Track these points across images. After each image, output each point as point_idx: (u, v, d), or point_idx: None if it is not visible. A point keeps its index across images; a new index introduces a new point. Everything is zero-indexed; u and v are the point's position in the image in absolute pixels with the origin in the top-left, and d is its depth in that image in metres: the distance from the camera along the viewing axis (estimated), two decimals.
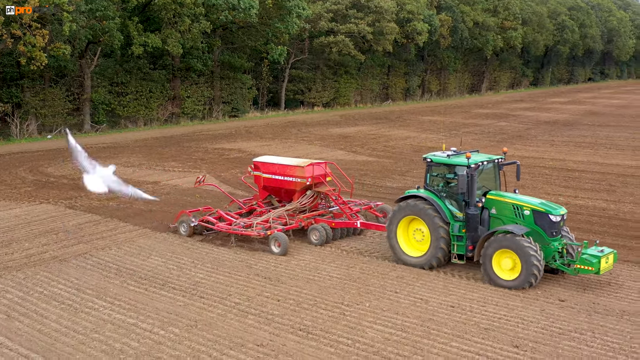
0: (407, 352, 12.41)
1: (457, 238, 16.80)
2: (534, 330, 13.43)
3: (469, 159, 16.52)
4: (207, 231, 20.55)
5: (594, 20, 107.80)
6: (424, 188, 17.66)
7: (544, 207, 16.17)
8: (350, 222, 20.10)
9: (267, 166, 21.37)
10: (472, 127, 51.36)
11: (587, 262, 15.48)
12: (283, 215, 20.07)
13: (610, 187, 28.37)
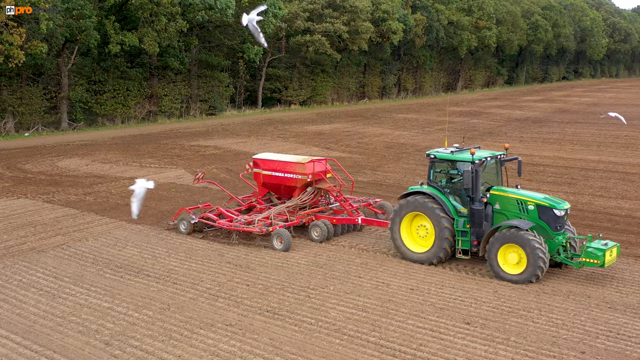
0: (366, 330, 13.30)
1: (462, 233, 16.94)
2: (486, 309, 14.39)
3: (474, 155, 16.65)
4: (207, 228, 20.58)
5: (567, 20, 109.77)
6: (427, 184, 17.75)
7: (548, 202, 16.38)
8: (352, 219, 20.15)
9: (267, 163, 21.33)
10: (444, 124, 52.43)
11: (593, 255, 15.72)
12: (284, 212, 20.11)
13: (571, 180, 29.55)
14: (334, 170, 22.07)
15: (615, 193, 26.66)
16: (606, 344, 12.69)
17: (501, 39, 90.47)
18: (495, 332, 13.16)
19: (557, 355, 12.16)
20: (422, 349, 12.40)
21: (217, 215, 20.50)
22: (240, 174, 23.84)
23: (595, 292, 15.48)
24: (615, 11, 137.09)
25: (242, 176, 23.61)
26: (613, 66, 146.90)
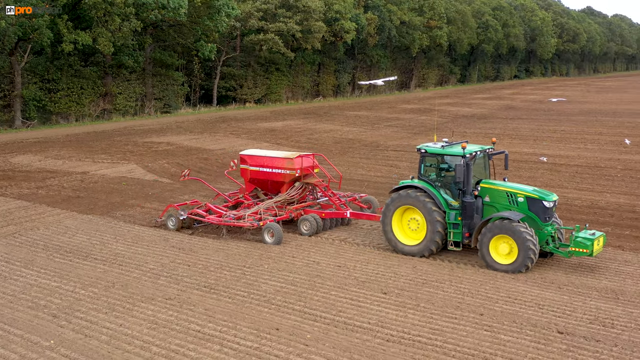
0: (293, 300, 14.73)
1: (453, 226, 17.32)
2: (403, 281, 15.97)
3: (465, 149, 17.10)
4: (196, 224, 20.82)
5: (517, 20, 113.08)
6: (418, 178, 18.09)
7: (537, 194, 16.86)
8: (340, 213, 20.55)
9: (254, 159, 21.56)
10: (394, 120, 54.28)
11: (582, 244, 16.26)
12: (272, 207, 20.42)
13: (502, 171, 31.38)
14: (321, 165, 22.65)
15: (541, 182, 28.60)
16: (503, 307, 14.36)
17: (452, 38, 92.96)
18: (407, 300, 14.73)
19: (458, 317, 13.77)
20: (340, 315, 13.89)
21: (206, 211, 20.75)
22: (225, 172, 23.75)
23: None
24: (564, 12, 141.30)
25: (227, 173, 23.72)
26: (563, 65, 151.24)
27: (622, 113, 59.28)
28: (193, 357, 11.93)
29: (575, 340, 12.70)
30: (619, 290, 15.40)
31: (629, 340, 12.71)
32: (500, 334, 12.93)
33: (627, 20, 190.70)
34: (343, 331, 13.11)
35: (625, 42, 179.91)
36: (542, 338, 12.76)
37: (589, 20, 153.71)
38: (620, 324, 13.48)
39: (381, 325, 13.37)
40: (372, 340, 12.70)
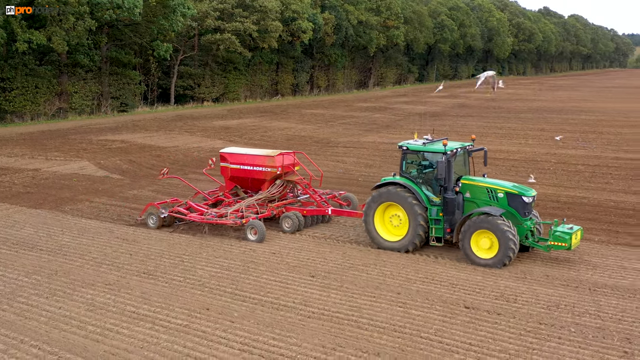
0: (226, 283, 15.75)
1: (435, 222, 17.67)
2: (331, 265, 17.11)
3: (446, 146, 17.44)
4: (178, 222, 20.91)
5: (474, 20, 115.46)
6: (400, 175, 18.40)
7: (516, 190, 17.28)
8: (322, 210, 20.71)
9: (234, 157, 21.63)
10: (349, 118, 55.53)
11: (560, 238, 16.77)
12: (254, 205, 20.54)
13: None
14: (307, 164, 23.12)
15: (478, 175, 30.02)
16: (419, 286, 15.58)
17: (409, 37, 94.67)
18: (332, 282, 15.86)
19: (377, 295, 14.94)
20: (268, 295, 14.96)
21: (187, 209, 20.84)
22: (204, 170, 23.79)
23: (426, 251, 18.40)
24: (520, 12, 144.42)
25: (206, 171, 23.58)
26: (520, 64, 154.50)
27: (568, 110, 61.47)
28: (126, 334, 12.86)
29: (478, 313, 13.96)
30: (528, 271, 16.75)
31: (527, 313, 14.01)
32: (412, 310, 14.13)
33: (582, 21, 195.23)
34: (269, 310, 14.17)
35: (581, 42, 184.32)
36: (449, 312, 14.00)
37: (545, 20, 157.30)
38: (522, 299, 14.80)
39: (305, 304, 14.46)
40: (294, 317, 13.78)
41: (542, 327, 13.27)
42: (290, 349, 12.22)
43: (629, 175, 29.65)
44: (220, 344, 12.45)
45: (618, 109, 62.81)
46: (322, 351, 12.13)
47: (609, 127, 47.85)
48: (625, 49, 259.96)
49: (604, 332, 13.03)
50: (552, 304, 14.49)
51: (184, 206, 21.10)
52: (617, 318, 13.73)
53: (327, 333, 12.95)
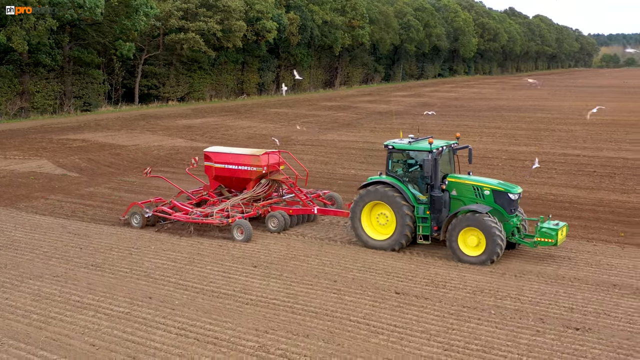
0: (170, 274, 16.38)
1: (422, 220, 17.78)
2: (274, 256, 17.83)
3: (432, 144, 17.56)
4: (162, 221, 20.80)
5: (439, 21, 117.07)
6: (386, 174, 18.47)
7: (502, 187, 17.44)
8: (308, 209, 20.70)
9: (219, 156, 21.55)
10: (312, 117, 56.30)
11: (547, 234, 16.91)
12: (239, 204, 20.46)
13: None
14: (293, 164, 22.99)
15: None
16: (356, 275, 16.38)
17: (375, 37, 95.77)
18: (273, 272, 16.58)
19: (314, 283, 15.70)
20: (210, 284, 15.62)
21: (171, 209, 20.78)
22: (187, 169, 23.78)
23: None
24: (485, 12, 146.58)
25: (189, 170, 23.45)
26: (486, 64, 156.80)
27: (525, 109, 62.94)
28: (68, 322, 13.44)
29: (407, 298, 14.80)
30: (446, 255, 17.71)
31: (452, 297, 14.89)
32: (345, 296, 14.92)
33: (547, 21, 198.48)
34: (209, 297, 14.84)
35: (546, 42, 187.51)
36: (380, 298, 14.81)
37: (510, 20, 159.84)
38: (451, 285, 15.68)
39: (244, 292, 15.17)
40: (232, 304, 14.48)
41: (465, 310, 14.15)
42: (224, 332, 12.91)
43: (572, 170, 30.85)
44: (159, 329, 13.09)
45: (574, 107, 64.47)
46: (254, 334, 12.84)
47: (562, 124, 49.27)
48: (590, 49, 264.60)
49: (521, 314, 13.94)
50: (477, 289, 15.39)
51: (168, 205, 20.97)
52: (535, 301, 14.66)
53: (262, 318, 13.67)
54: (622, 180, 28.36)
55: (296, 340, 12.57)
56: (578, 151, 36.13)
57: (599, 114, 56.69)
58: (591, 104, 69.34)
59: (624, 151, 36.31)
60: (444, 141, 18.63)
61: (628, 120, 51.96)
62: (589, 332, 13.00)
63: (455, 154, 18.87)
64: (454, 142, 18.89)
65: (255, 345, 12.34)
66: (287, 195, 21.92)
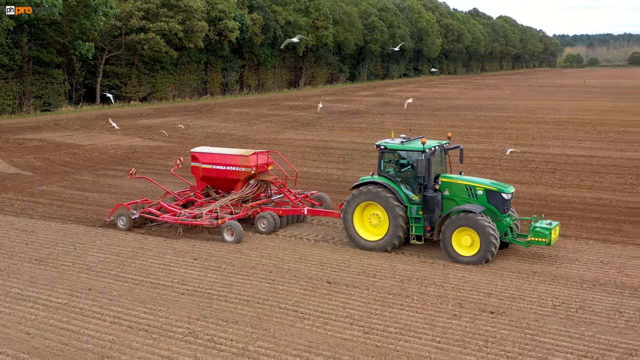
0: (112, 267, 16.90)
1: (415, 220, 17.74)
2: (216, 250, 18.44)
3: (425, 144, 17.52)
4: (150, 223, 20.62)
5: (403, 21, 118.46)
6: (378, 174, 18.44)
7: (495, 187, 17.47)
8: (298, 210, 20.61)
9: (206, 157, 21.34)
10: (273, 117, 56.89)
11: (540, 234, 16.96)
12: (228, 205, 20.35)
13: (351, 159, 34.64)
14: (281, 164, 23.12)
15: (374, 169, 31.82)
16: (292, 266, 17.08)
17: (339, 38, 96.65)
18: (212, 263, 17.21)
19: (250, 274, 16.36)
20: (149, 276, 16.18)
21: (158, 210, 20.61)
22: (172, 169, 23.58)
23: (305, 234, 19.94)
24: (449, 13, 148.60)
25: (174, 171, 23.27)
26: (451, 64, 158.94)
27: (483, 108, 64.33)
28: (6, 313, 13.89)
29: (338, 287, 15.53)
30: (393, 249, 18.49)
31: (380, 285, 15.66)
32: (279, 285, 15.60)
33: (511, 22, 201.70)
34: (147, 288, 15.41)
35: (510, 43, 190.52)
36: (311, 286, 15.53)
37: (474, 21, 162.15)
38: (381, 274, 16.46)
39: (181, 283, 15.76)
40: (169, 294, 15.07)
41: (390, 296, 14.93)
42: (158, 320, 13.50)
43: (516, 166, 31.97)
44: (94, 318, 13.63)
45: (530, 106, 66.11)
46: (186, 321, 13.45)
47: (515, 123, 50.61)
48: (554, 49, 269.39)
49: (442, 299, 14.77)
50: (405, 277, 16.19)
51: (155, 207, 20.80)
52: (458, 287, 15.50)
53: (195, 307, 14.28)
54: (562, 176, 29.52)
55: (225, 327, 13.21)
56: (525, 148, 37.29)
57: (553, 113, 58.38)
58: (547, 102, 71.28)
59: (568, 148, 37.63)
60: (436, 141, 18.59)
61: (582, 119, 53.45)
62: (502, 315, 13.87)
63: (446, 153, 18.84)
64: (445, 142, 18.84)
65: (185, 331, 12.96)
66: (276, 196, 21.78)
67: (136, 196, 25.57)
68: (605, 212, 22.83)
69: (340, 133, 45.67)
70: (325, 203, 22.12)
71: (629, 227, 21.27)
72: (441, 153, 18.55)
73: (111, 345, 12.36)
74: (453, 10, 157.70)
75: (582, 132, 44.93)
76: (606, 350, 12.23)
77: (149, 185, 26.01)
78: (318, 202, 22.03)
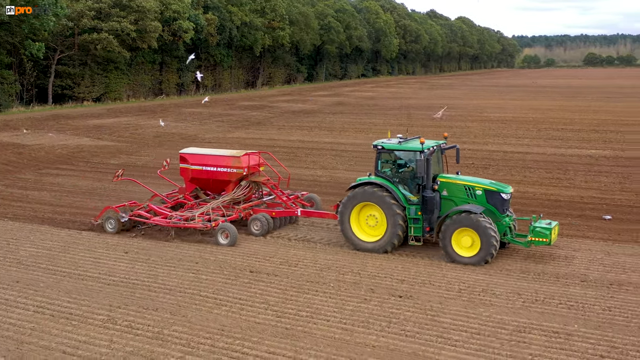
0: (42, 261, 17.38)
1: (414, 221, 17.57)
2: (147, 244, 19.03)
3: (423, 144, 17.38)
4: (140, 226, 20.19)
5: (360, 22, 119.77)
6: (375, 174, 18.21)
7: (495, 187, 17.40)
8: (291, 211, 20.37)
9: (196, 158, 21.01)
10: (225, 116, 57.38)
11: (541, 234, 16.93)
12: (220, 207, 20.02)
13: (295, 157, 35.41)
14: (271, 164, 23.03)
15: (320, 165, 32.75)
16: (218, 257, 17.76)
17: (295, 38, 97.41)
18: (142, 256, 17.81)
19: (176, 265, 17.01)
20: (78, 269, 16.72)
21: (147, 212, 20.21)
22: (158, 171, 23.16)
23: None
24: (406, 14, 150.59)
25: (160, 172, 22.82)
26: (409, 64, 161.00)
27: (433, 107, 65.60)
28: None
29: (259, 276, 16.28)
30: (313, 239, 19.33)
31: (300, 274, 16.46)
32: (202, 275, 16.29)
33: (468, 23, 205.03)
34: (74, 280, 15.95)
35: (467, 43, 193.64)
36: (234, 275, 16.25)
37: (431, 22, 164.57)
38: (303, 264, 17.25)
39: (109, 274, 16.33)
40: (95, 284, 15.63)
41: (307, 284, 15.73)
42: (80, 309, 14.07)
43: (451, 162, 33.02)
44: (18, 307, 14.13)
45: (479, 105, 67.80)
46: (107, 309, 14.05)
47: (462, 121, 51.99)
48: (512, 50, 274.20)
49: (357, 286, 15.62)
50: (325, 266, 17.01)
51: (144, 209, 20.41)
52: (373, 275, 16.38)
53: (119, 296, 14.88)
54: (494, 171, 30.74)
55: (144, 313, 13.85)
56: (466, 145, 38.49)
57: (499, 111, 60.05)
58: (495, 101, 73.11)
59: (507, 145, 39.03)
60: (433, 141, 18.43)
61: (525, 117, 55.13)
62: (409, 299, 14.78)
63: (443, 153, 18.78)
64: (442, 142, 18.74)
65: (105, 318, 13.56)
66: (266, 197, 21.55)
67: (77, 194, 26.03)
68: (526, 204, 23.98)
69: (289, 132, 46.42)
70: (316, 204, 21.88)
71: (546, 217, 22.39)
72: (438, 153, 18.39)
73: (31, 332, 12.90)
74: (411, 12, 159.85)
75: (523, 129, 46.47)
76: (499, 328, 13.20)
77: (97, 183, 26.44)
78: (309, 203, 21.76)
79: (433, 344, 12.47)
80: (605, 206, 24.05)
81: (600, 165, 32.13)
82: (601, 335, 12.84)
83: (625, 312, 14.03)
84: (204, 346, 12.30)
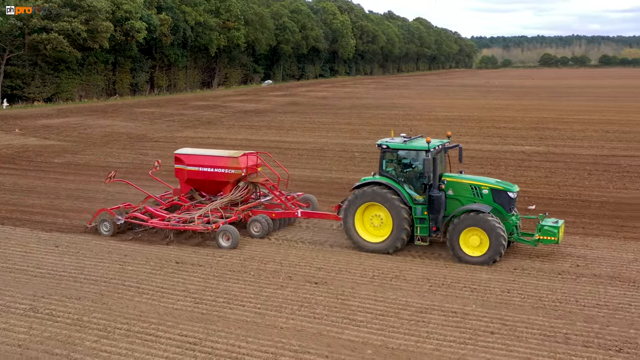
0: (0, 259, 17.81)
1: (420, 220, 17.42)
2: (80, 238, 19.52)
3: (429, 143, 17.21)
4: (137, 228, 19.78)
5: (317, 23, 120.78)
6: (380, 174, 18.03)
7: (501, 186, 17.31)
8: (291, 212, 20.14)
9: (192, 158, 20.61)
10: (177, 116, 57.61)
11: (549, 232, 16.98)
12: (218, 209, 19.64)
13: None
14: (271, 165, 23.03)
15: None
16: (146, 249, 18.37)
17: (250, 38, 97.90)
18: (72, 249, 18.31)
19: (105, 258, 17.57)
20: (7, 262, 17.17)
21: (143, 214, 19.84)
22: (150, 172, 22.68)
23: None
24: (363, 15, 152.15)
25: (152, 174, 22.26)
26: (367, 65, 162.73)
27: (383, 106, 66.91)
28: None
29: (184, 266, 16.95)
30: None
31: (225, 264, 17.17)
32: (129, 266, 16.89)
33: (426, 24, 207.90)
34: (2, 272, 16.39)
35: (425, 44, 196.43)
36: (159, 266, 16.88)
37: (388, 22, 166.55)
38: (228, 254, 17.94)
39: (37, 267, 16.82)
40: (22, 277, 16.11)
41: (229, 273, 16.46)
42: (3, 299, 14.55)
43: None
44: None
45: (429, 104, 69.25)
46: (31, 299, 14.57)
47: (409, 120, 53.17)
48: (469, 51, 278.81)
49: (276, 274, 16.39)
50: (249, 257, 17.74)
51: (140, 211, 19.96)
52: (294, 264, 17.16)
53: (44, 287, 15.40)
54: None
55: (67, 302, 14.42)
56: None
57: (447, 110, 61.50)
58: (445, 101, 74.70)
59: None
60: (438, 140, 18.24)
61: (470, 116, 56.62)
62: (323, 285, 15.61)
63: (446, 152, 18.61)
64: (446, 141, 18.59)
65: (27, 307, 14.09)
66: (264, 198, 21.28)
67: (16, 192, 26.31)
68: None
69: (238, 131, 46.99)
70: (313, 204, 21.64)
71: None
72: (442, 152, 18.17)
73: None
74: (368, 13, 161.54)
75: (466, 127, 47.86)
76: (402, 310, 14.12)
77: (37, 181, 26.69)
78: (305, 203, 21.50)
79: (338, 324, 13.32)
80: (528, 198, 25.28)
81: (530, 161, 33.54)
82: (495, 314, 13.85)
83: (522, 294, 15.08)
84: (120, 331, 12.93)
